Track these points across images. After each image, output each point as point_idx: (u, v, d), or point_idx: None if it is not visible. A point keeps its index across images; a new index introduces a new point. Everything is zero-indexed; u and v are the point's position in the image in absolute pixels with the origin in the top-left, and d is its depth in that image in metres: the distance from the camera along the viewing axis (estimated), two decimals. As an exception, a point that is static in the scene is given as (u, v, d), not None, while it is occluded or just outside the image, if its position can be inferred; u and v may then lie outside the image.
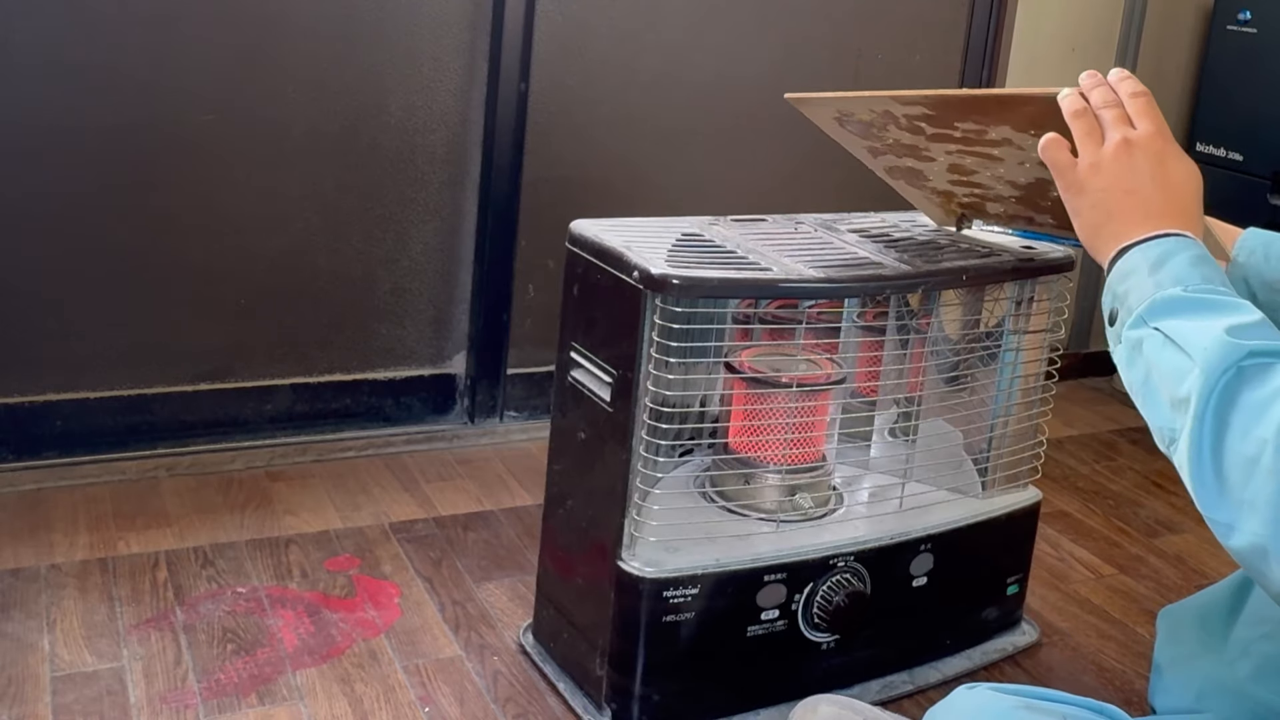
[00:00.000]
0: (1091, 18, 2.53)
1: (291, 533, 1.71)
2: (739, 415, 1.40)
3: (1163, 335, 0.91)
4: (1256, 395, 0.84)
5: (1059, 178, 1.06)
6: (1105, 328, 1.00)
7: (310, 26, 1.85)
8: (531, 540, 1.70)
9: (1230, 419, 0.84)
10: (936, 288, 1.40)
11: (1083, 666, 1.58)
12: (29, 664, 1.37)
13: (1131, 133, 1.03)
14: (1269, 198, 2.37)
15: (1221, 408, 0.85)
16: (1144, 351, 0.93)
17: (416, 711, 1.36)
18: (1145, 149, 1.02)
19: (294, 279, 1.93)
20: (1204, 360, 0.86)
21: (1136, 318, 0.94)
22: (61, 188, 1.75)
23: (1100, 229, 1.02)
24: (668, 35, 2.13)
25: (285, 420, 1.97)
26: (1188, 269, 0.95)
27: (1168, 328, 0.91)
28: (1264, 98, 2.38)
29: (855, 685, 1.42)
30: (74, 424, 1.81)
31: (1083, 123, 1.05)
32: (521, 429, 2.11)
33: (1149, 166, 1.01)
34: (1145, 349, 0.93)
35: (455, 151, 2.00)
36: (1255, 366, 0.84)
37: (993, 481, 1.52)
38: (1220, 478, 0.85)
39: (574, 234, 1.36)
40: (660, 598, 1.28)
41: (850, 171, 1.61)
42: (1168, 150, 1.02)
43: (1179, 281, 0.93)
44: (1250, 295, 1.25)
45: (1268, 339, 0.87)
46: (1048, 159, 1.07)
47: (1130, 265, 0.98)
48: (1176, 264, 0.95)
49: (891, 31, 2.34)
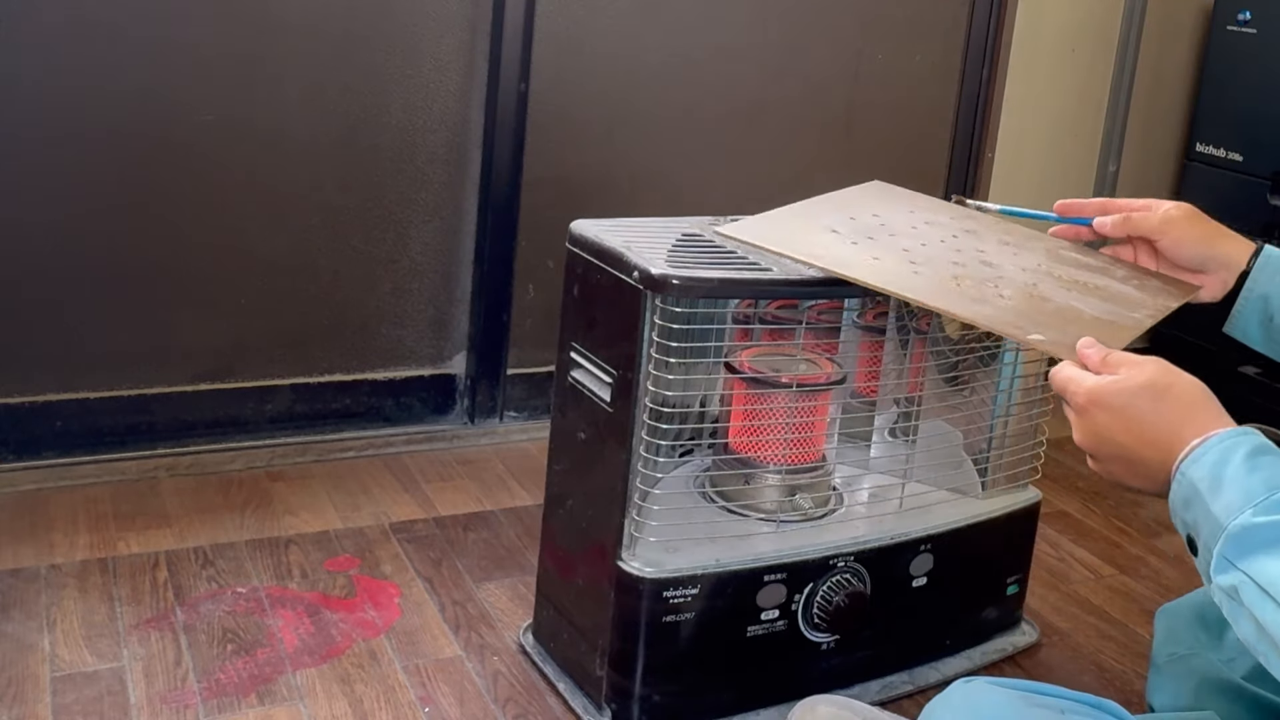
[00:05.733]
0: (1091, 18, 2.53)
1: (291, 533, 1.71)
2: (739, 415, 1.40)
3: (1256, 586, 0.84)
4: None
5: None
6: (1190, 557, 0.93)
7: (310, 27, 1.85)
8: (531, 540, 1.69)
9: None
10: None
11: (1082, 666, 1.58)
12: (29, 664, 1.37)
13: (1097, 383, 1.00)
14: (1269, 198, 2.37)
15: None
16: (1244, 603, 0.86)
17: (416, 711, 1.36)
18: (1124, 388, 0.98)
19: (294, 279, 1.93)
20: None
21: (1219, 559, 0.87)
22: (61, 188, 1.75)
23: (1136, 471, 0.98)
24: (667, 35, 2.13)
25: (285, 420, 1.97)
26: (1247, 478, 0.88)
27: (1258, 573, 0.85)
28: (1264, 98, 2.38)
29: (855, 685, 1.42)
30: (74, 424, 1.81)
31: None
32: (521, 429, 2.11)
33: (1140, 400, 0.97)
34: (1244, 600, 0.86)
35: (455, 151, 2.00)
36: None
37: (993, 482, 1.52)
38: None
39: (574, 234, 1.35)
40: (660, 598, 1.28)
41: (850, 171, 1.61)
42: (1156, 379, 0.98)
43: (1247, 500, 0.87)
44: (1268, 318, 1.23)
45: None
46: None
47: (1187, 491, 0.92)
48: (1233, 476, 0.89)
49: (891, 31, 2.34)
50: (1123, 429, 0.97)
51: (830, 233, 1.32)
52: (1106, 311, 1.19)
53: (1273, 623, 0.83)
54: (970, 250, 1.32)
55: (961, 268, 1.27)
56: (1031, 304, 1.20)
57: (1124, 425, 0.97)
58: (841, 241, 1.30)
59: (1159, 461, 0.95)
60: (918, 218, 1.41)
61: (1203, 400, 0.96)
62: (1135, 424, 0.96)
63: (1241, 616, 0.87)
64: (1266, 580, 0.84)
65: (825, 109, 2.30)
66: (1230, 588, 0.87)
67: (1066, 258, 1.33)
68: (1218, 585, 0.88)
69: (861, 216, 1.39)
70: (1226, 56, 2.47)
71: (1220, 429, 0.93)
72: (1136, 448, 0.96)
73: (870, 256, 1.27)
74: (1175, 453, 0.93)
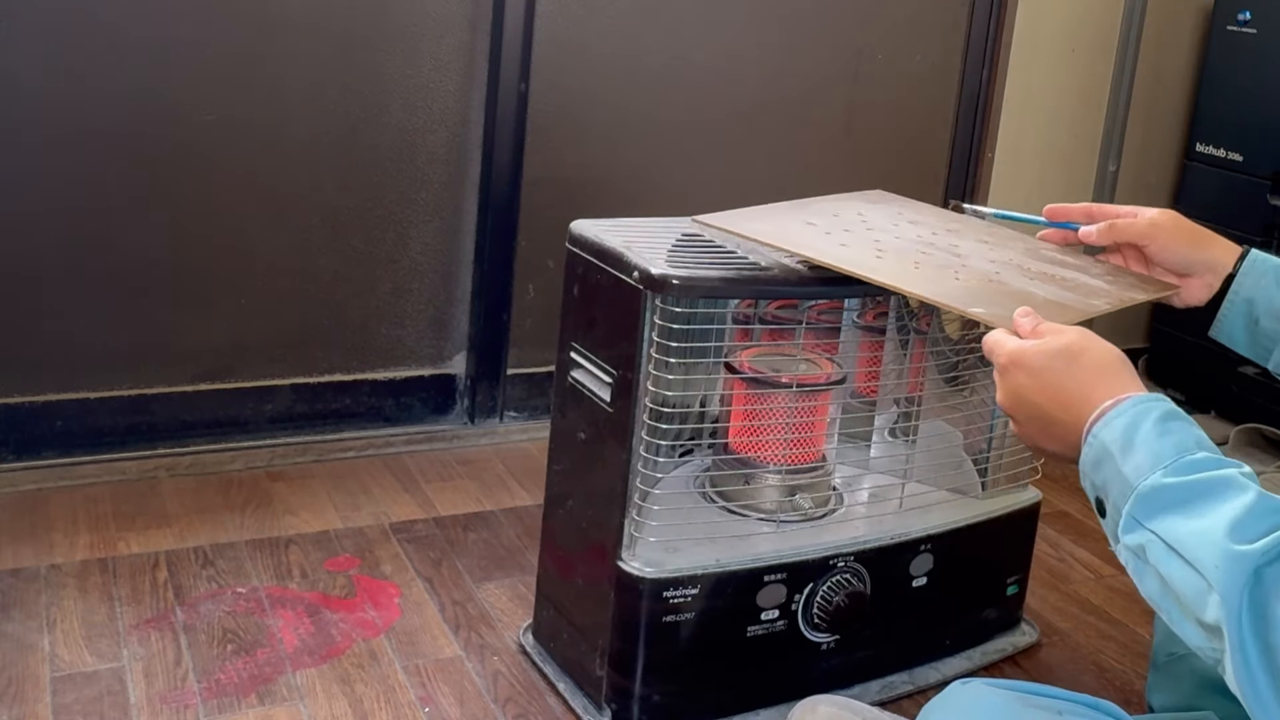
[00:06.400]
0: (1091, 18, 2.53)
1: (291, 533, 1.71)
2: (739, 415, 1.40)
3: (1163, 543, 0.86)
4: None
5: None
6: (1097, 518, 0.95)
7: (310, 27, 1.85)
8: (531, 540, 1.70)
9: (1273, 640, 0.79)
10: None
11: (1082, 666, 1.58)
12: (29, 664, 1.37)
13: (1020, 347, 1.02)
14: (1269, 198, 2.37)
15: (1260, 629, 0.80)
16: (1150, 561, 0.88)
17: (416, 712, 1.36)
18: (1043, 352, 1.00)
19: (294, 279, 1.93)
20: (1219, 581, 0.81)
21: (1128, 519, 0.89)
22: (61, 188, 1.75)
23: (1050, 433, 1.00)
24: (668, 35, 2.13)
25: (285, 420, 1.97)
26: (1157, 440, 0.90)
27: (1165, 531, 0.86)
28: (1264, 98, 2.38)
29: (855, 685, 1.42)
30: (74, 424, 1.81)
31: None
32: (521, 429, 2.11)
33: (1056, 362, 0.99)
34: (1150, 558, 0.88)
35: (455, 151, 2.01)
36: (1273, 570, 0.80)
37: (993, 482, 1.52)
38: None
39: (574, 234, 1.36)
40: (660, 598, 1.28)
41: (850, 171, 1.61)
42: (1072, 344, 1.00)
43: (1156, 461, 0.89)
44: (1253, 321, 1.24)
45: (1269, 527, 0.82)
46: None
47: (1098, 452, 0.93)
48: (1144, 438, 0.90)
49: (891, 31, 2.34)
50: (1038, 390, 0.99)
51: (806, 225, 1.33)
52: (1061, 296, 1.20)
53: (1178, 578, 0.85)
54: (944, 245, 1.34)
55: (926, 256, 1.28)
56: (986, 287, 1.21)
57: (1039, 386, 0.99)
58: (814, 231, 1.32)
59: (1070, 423, 0.97)
60: (903, 218, 1.42)
61: (1116, 365, 0.98)
62: (1050, 386, 0.98)
63: (1147, 574, 0.89)
64: (1174, 538, 0.85)
65: (825, 109, 2.30)
66: (1138, 546, 0.88)
67: (1044, 255, 1.34)
68: (1125, 544, 0.90)
69: (846, 215, 1.40)
70: (1226, 56, 2.47)
71: (1132, 393, 0.94)
72: (1050, 409, 0.98)
73: (837, 244, 1.28)
74: (1085, 415, 0.95)
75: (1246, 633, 0.80)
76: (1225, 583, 0.81)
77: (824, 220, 1.36)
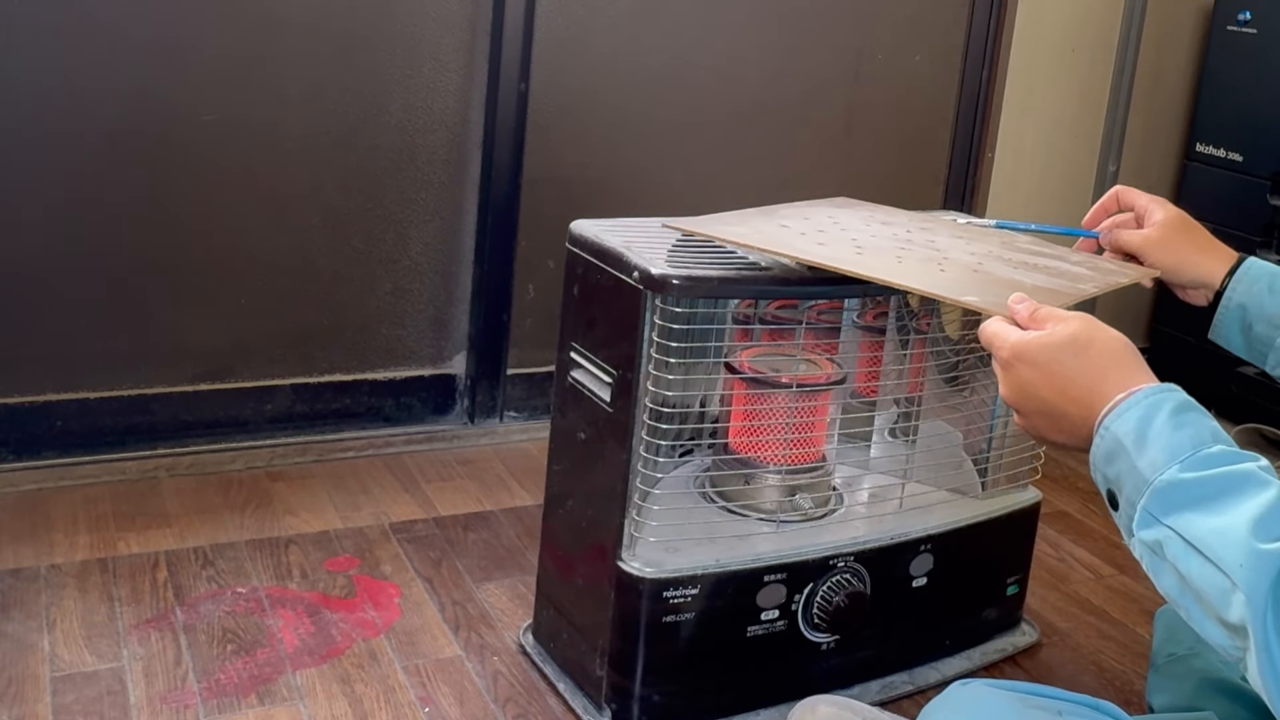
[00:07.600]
0: (1091, 18, 2.53)
1: (291, 533, 1.71)
2: (739, 415, 1.40)
3: (1182, 540, 0.85)
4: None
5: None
6: (1109, 511, 0.93)
7: (310, 27, 1.85)
8: (531, 540, 1.70)
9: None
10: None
11: (1082, 667, 1.58)
12: (29, 664, 1.37)
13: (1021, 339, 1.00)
14: (1269, 198, 2.37)
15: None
16: (1167, 557, 0.86)
17: (416, 712, 1.36)
18: (1046, 344, 0.98)
19: (294, 279, 1.93)
20: (1244, 580, 0.80)
21: (1143, 514, 0.87)
22: (61, 188, 1.75)
23: (1058, 426, 0.98)
24: (668, 35, 2.13)
25: (285, 420, 1.97)
26: (1172, 434, 0.88)
27: (1184, 528, 0.85)
28: (1264, 98, 2.38)
29: (855, 685, 1.42)
30: (74, 424, 1.81)
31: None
32: (521, 429, 2.11)
33: (1063, 355, 0.97)
34: (1168, 554, 0.86)
35: (455, 151, 2.01)
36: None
37: (993, 482, 1.52)
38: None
39: (574, 234, 1.36)
40: (660, 598, 1.28)
41: (850, 172, 1.61)
42: (1078, 333, 0.98)
43: (1172, 456, 0.87)
44: (1246, 326, 1.25)
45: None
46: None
47: (1110, 445, 0.91)
48: (1159, 431, 0.89)
49: (891, 31, 2.34)
50: (1046, 383, 0.97)
51: (780, 227, 1.34)
52: (1048, 282, 1.20)
53: (1198, 575, 0.83)
54: (922, 241, 1.35)
55: (906, 251, 1.29)
56: (972, 277, 1.21)
57: (1047, 380, 0.97)
58: (789, 233, 1.32)
59: (1080, 416, 0.95)
60: (875, 220, 1.44)
61: (1125, 355, 0.96)
62: (1058, 379, 0.96)
63: (1164, 571, 0.87)
64: (1194, 535, 0.84)
65: (825, 109, 2.30)
66: (1154, 542, 0.87)
67: (1020, 247, 1.35)
68: (1140, 539, 0.88)
69: (817, 218, 1.41)
70: (1226, 56, 2.47)
71: (1144, 384, 0.93)
72: (1059, 402, 0.96)
73: (815, 244, 1.28)
74: (1097, 408, 0.93)
75: (1272, 632, 0.79)
76: (1251, 582, 0.80)
77: (796, 223, 1.36)
